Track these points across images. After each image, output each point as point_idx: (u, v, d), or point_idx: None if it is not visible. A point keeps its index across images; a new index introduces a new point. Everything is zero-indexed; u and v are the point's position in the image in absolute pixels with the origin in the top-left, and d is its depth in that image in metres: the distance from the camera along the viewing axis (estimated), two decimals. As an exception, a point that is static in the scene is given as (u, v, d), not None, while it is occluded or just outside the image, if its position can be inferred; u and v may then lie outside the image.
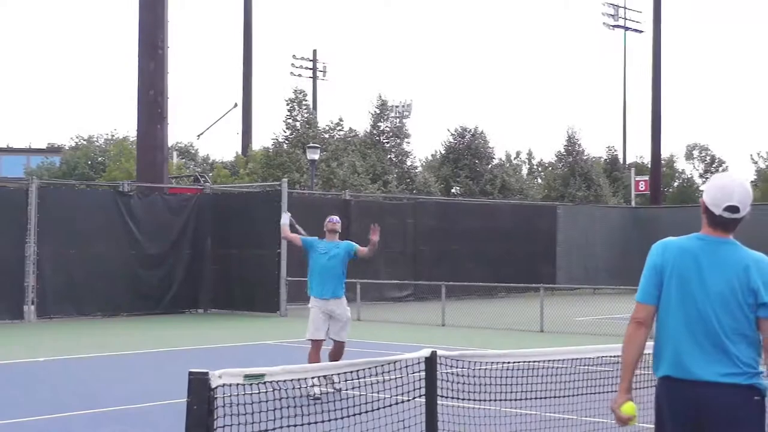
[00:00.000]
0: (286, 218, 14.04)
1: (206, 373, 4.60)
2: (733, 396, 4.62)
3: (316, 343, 12.61)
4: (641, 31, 63.64)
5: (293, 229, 13.85)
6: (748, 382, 4.64)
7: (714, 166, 72.70)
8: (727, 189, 4.75)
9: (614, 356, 7.30)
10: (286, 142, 45.08)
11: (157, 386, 13.34)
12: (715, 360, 4.64)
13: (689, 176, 72.70)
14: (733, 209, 4.73)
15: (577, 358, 7.14)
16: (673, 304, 4.78)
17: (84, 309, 24.98)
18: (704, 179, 72.98)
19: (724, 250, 4.76)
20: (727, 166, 72.80)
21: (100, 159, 59.22)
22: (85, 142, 64.58)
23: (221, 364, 6.93)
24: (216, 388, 4.61)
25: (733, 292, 4.67)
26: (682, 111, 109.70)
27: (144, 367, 15.90)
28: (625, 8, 64.55)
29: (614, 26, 64.50)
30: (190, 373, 4.59)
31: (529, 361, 7.26)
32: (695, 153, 73.38)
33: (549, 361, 7.42)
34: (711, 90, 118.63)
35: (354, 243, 13.28)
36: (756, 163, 63.86)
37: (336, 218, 13.36)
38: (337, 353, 12.74)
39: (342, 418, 5.97)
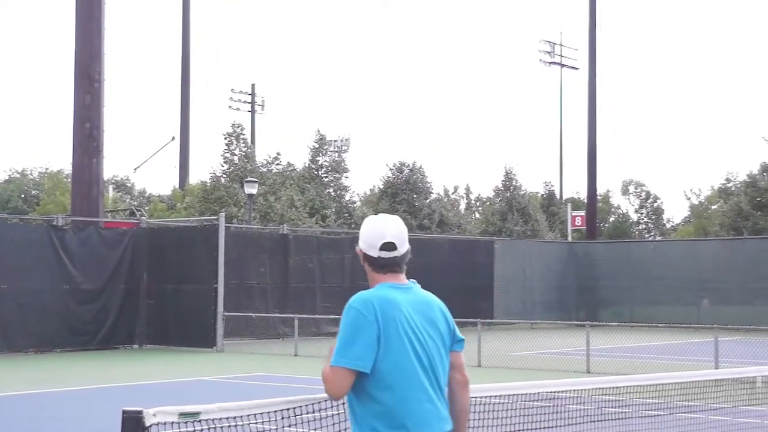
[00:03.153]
0: None
1: (140, 412, 4.51)
2: None
3: None
4: (577, 68, 64.51)
5: None
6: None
7: (649, 201, 73.72)
8: (379, 228, 4.49)
9: (552, 392, 7.33)
10: (224, 176, 44.92)
11: (90, 424, 13.13)
12: (445, 409, 4.49)
13: (625, 211, 73.70)
14: (390, 246, 4.45)
15: (514, 394, 7.14)
16: (403, 361, 4.34)
17: (16, 344, 24.55)
18: (639, 214, 73.96)
19: (418, 294, 4.53)
20: (662, 202, 73.98)
21: (34, 192, 58.56)
22: (18, 175, 63.85)
23: (156, 400, 6.84)
24: (150, 426, 4.52)
25: (442, 336, 4.50)
26: (617, 147, 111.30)
27: (77, 404, 15.65)
28: (561, 45, 65.43)
29: (551, 63, 65.32)
30: (124, 412, 4.50)
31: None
32: (631, 188, 74.44)
33: (486, 396, 7.40)
34: (646, 126, 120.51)
35: None
36: (689, 199, 64.91)
37: None
38: None
39: (279, 456, 5.90)
